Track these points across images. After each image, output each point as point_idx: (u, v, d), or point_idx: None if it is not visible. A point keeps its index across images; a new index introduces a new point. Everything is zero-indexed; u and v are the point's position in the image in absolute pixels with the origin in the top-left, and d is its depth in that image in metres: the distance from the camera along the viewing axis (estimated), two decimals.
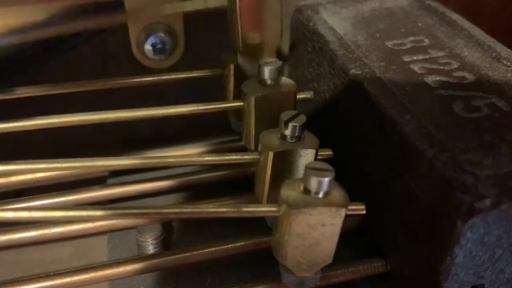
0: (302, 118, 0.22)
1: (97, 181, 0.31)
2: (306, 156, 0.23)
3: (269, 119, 0.24)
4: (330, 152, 0.25)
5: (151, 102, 0.29)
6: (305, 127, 0.22)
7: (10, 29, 0.30)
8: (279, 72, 0.25)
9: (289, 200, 0.19)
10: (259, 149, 0.23)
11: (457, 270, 0.20)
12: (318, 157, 0.23)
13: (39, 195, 0.28)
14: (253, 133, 0.25)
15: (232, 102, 0.27)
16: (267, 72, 0.25)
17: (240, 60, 0.28)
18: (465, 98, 0.23)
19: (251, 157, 0.24)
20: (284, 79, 0.26)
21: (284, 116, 0.22)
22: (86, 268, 0.23)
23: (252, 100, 0.25)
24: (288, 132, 0.22)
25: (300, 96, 0.28)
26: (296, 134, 0.22)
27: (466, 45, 0.27)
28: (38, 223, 0.26)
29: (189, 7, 0.29)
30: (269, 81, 0.25)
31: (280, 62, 0.25)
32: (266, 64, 0.25)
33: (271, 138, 0.23)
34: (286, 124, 0.22)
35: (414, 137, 0.21)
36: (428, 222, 0.20)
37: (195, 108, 0.26)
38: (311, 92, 0.28)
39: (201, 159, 0.24)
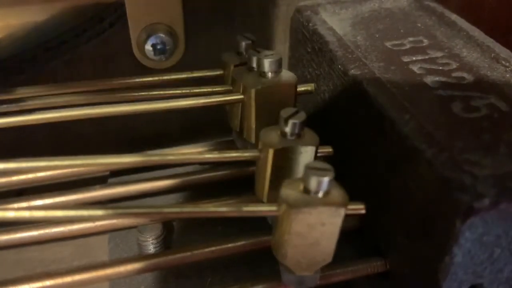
0: (302, 115, 0.22)
1: (98, 181, 0.31)
2: (306, 153, 0.22)
3: (269, 112, 0.24)
4: (330, 149, 0.25)
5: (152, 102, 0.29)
6: (305, 124, 0.22)
7: (12, 29, 0.31)
8: (279, 65, 0.25)
9: (289, 200, 0.19)
10: (259, 147, 0.23)
11: (456, 269, 0.20)
12: (318, 154, 0.23)
13: (40, 195, 0.28)
14: (254, 127, 0.25)
15: (233, 95, 0.26)
16: (267, 64, 0.25)
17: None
18: (464, 98, 0.23)
19: (251, 154, 0.23)
20: (285, 72, 0.25)
21: (284, 113, 0.22)
22: (87, 268, 0.23)
23: (253, 92, 0.24)
24: (288, 129, 0.22)
25: (301, 88, 0.27)
26: (296, 131, 0.22)
27: (465, 46, 0.27)
28: (39, 222, 0.26)
29: None
30: (269, 74, 0.25)
31: (280, 55, 0.25)
32: (266, 56, 0.25)
33: (271, 135, 0.23)
34: (286, 122, 0.22)
35: (413, 137, 0.21)
36: (427, 222, 0.20)
37: (195, 101, 0.26)
38: (312, 85, 0.28)
39: (201, 156, 0.24)
